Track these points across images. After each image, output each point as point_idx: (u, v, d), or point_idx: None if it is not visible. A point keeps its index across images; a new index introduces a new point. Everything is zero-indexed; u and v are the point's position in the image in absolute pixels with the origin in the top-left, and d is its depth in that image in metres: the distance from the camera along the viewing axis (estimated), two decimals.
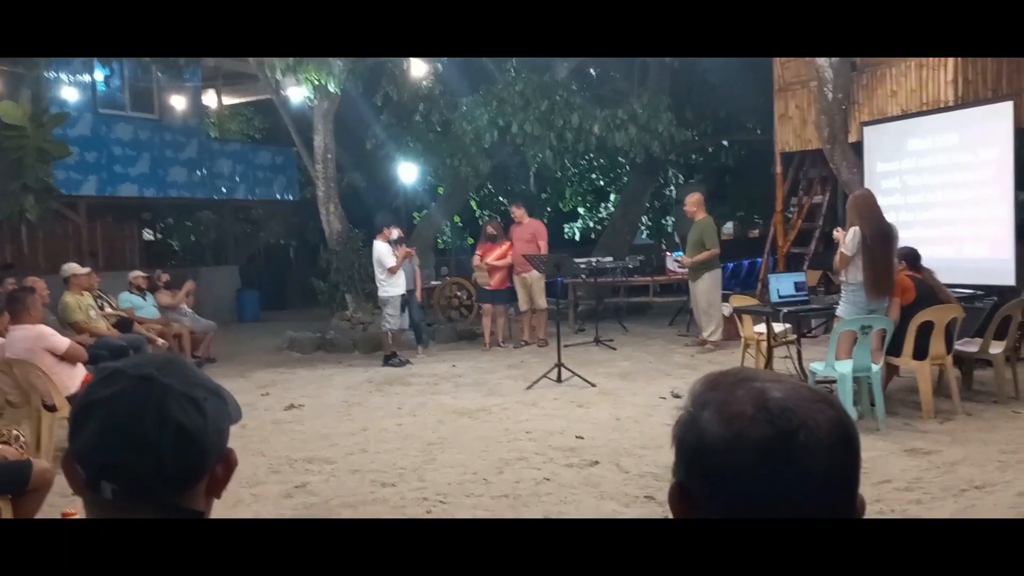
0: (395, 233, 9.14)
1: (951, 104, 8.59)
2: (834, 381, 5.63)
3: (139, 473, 0.93)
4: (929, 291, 5.98)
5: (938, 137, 8.63)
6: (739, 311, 7.70)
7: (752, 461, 0.77)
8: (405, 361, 9.05)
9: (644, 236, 20.85)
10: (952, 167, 8.51)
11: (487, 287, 10.04)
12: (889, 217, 6.09)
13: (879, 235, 5.77)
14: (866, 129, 9.43)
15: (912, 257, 6.16)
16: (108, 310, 8.92)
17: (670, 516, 0.82)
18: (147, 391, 0.95)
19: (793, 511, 0.77)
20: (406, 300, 9.22)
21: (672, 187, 19.17)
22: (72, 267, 8.48)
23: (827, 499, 0.78)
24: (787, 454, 0.77)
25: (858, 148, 9.54)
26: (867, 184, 8.51)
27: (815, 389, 0.84)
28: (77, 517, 3.85)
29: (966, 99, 8.49)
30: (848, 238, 5.82)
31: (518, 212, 10.18)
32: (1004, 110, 7.95)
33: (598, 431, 5.80)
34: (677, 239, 15.26)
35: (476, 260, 10.21)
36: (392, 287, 9.01)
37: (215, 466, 1.00)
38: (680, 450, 0.83)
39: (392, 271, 8.94)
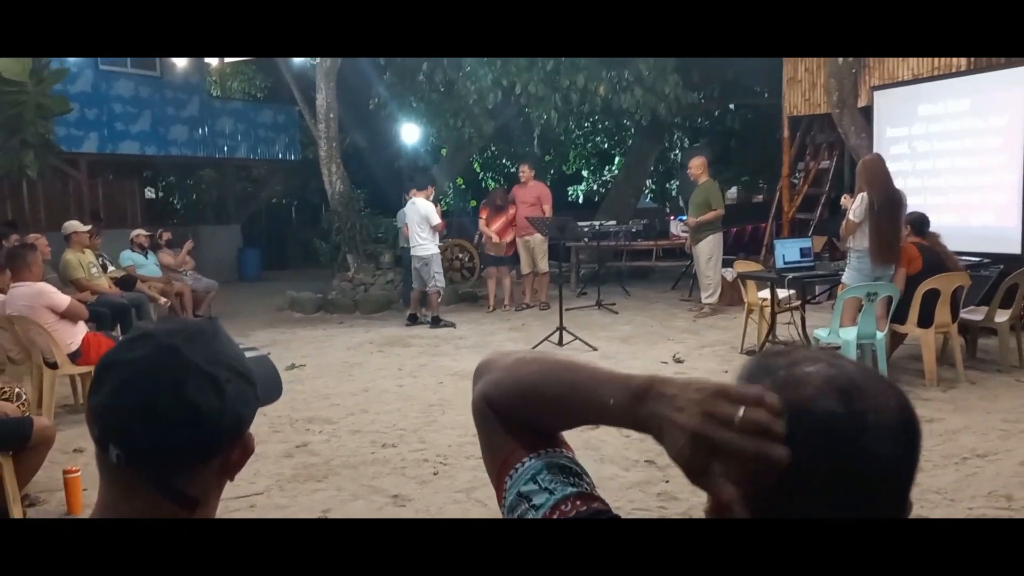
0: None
1: (964, 69, 8.45)
2: (838, 348, 5.60)
3: (144, 445, 0.90)
4: (936, 259, 5.90)
5: (950, 102, 8.51)
6: (743, 276, 7.64)
7: (815, 436, 0.69)
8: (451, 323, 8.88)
9: (648, 200, 20.74)
10: (962, 133, 8.40)
11: (492, 254, 10.06)
12: (897, 183, 6.00)
13: (887, 202, 5.70)
14: (876, 93, 9.29)
15: (919, 223, 6.07)
16: (111, 269, 8.90)
17: (667, 481, 0.77)
18: (168, 363, 0.91)
19: (850, 499, 0.70)
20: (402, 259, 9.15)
21: (677, 151, 18.98)
22: (73, 224, 8.43)
23: (885, 492, 0.71)
24: (854, 432, 0.69)
25: (867, 113, 9.41)
26: (876, 150, 8.40)
27: (881, 375, 0.77)
28: (78, 475, 3.82)
29: (979, 63, 8.34)
30: (856, 204, 5.75)
31: (527, 172, 10.09)
32: (1018, 75, 7.81)
33: None
34: (681, 203, 15.19)
35: (482, 225, 10.17)
36: (433, 245, 8.92)
37: (229, 449, 0.96)
38: None
39: (437, 229, 8.89)
